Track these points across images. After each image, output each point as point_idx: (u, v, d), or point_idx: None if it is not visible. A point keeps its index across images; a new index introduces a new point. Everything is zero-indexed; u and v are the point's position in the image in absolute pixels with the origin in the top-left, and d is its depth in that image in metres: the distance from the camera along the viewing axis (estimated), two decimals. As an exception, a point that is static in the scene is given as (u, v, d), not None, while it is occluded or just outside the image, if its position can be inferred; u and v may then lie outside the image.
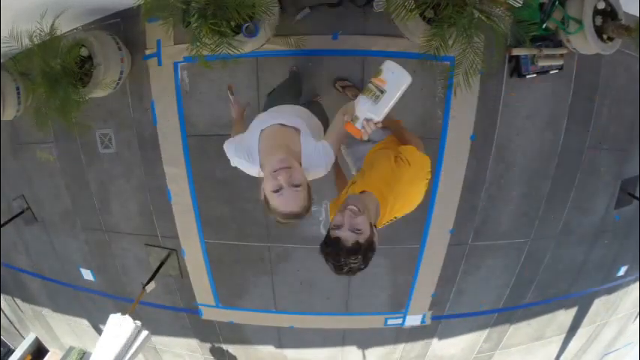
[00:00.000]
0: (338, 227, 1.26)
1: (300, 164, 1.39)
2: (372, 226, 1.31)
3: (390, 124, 1.83)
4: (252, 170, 1.53)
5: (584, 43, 2.98)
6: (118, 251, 4.36)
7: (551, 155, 3.65)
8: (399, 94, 1.40)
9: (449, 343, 4.67)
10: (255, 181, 1.48)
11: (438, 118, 3.38)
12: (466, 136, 3.46)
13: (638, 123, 3.76)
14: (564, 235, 4.09)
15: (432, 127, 3.40)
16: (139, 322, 3.60)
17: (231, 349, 4.83)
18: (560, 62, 3.26)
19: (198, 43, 2.49)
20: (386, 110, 1.41)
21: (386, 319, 4.40)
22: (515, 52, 3.15)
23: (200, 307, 4.49)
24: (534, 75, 3.25)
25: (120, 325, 3.50)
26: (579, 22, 2.87)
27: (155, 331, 4.41)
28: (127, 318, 3.55)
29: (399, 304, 4.27)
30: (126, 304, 3.81)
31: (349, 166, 2.15)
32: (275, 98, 2.31)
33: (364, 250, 1.23)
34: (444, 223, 3.79)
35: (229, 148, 1.58)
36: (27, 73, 3.27)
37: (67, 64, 2.94)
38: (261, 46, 3.01)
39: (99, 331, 5.06)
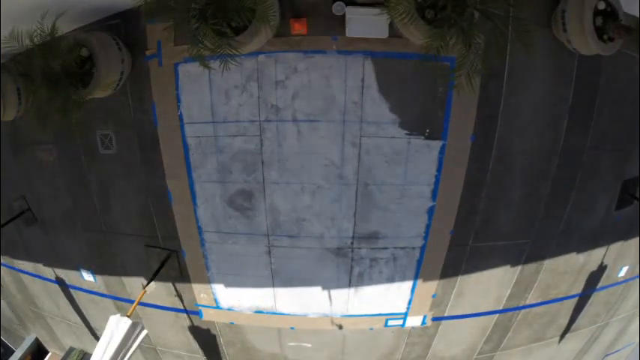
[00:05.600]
0: None
1: None
2: None
3: None
4: None
5: (584, 43, 2.98)
6: (119, 252, 4.35)
7: (552, 156, 3.64)
8: None
9: (449, 344, 4.66)
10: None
11: (438, 119, 3.38)
12: (466, 137, 3.46)
13: (638, 123, 3.75)
14: (565, 236, 4.09)
15: (433, 128, 3.40)
16: (139, 323, 3.60)
17: (231, 350, 4.82)
18: None
19: (199, 44, 2.50)
20: None
21: (387, 320, 4.39)
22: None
23: (200, 308, 4.48)
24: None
25: (120, 326, 3.50)
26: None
27: (155, 332, 4.40)
28: (127, 319, 3.55)
29: (401, 304, 4.26)
30: (126, 305, 3.80)
31: None
32: None
33: None
34: (444, 224, 3.78)
35: None
36: (27, 74, 3.26)
37: (68, 64, 2.95)
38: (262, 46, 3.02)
39: (99, 332, 5.05)
